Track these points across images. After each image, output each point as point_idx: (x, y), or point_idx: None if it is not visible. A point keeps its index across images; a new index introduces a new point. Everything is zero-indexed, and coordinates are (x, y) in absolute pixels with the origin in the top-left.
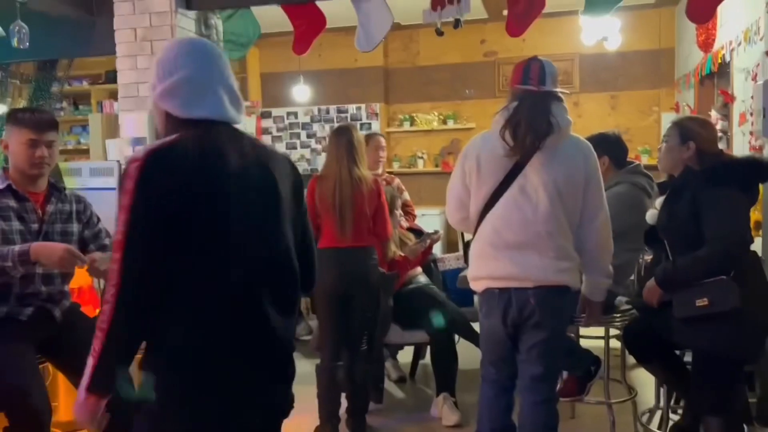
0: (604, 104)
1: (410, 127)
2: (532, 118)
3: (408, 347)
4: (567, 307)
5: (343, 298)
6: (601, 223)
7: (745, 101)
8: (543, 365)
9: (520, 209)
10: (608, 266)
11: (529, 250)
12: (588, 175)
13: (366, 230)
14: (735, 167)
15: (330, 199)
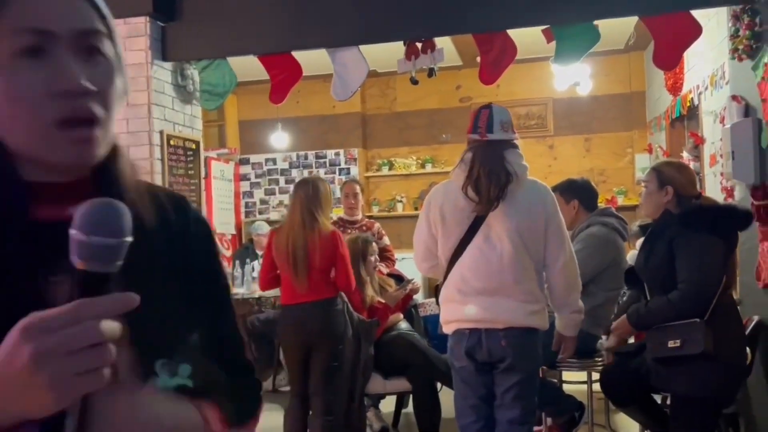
0: (579, 147)
1: (389, 171)
2: (490, 170)
3: (390, 396)
4: (537, 349)
5: (305, 351)
6: (565, 263)
7: (714, 143)
8: (519, 408)
9: (485, 258)
10: (577, 302)
11: (498, 296)
12: (548, 217)
13: (323, 282)
14: (712, 213)
15: (283, 251)
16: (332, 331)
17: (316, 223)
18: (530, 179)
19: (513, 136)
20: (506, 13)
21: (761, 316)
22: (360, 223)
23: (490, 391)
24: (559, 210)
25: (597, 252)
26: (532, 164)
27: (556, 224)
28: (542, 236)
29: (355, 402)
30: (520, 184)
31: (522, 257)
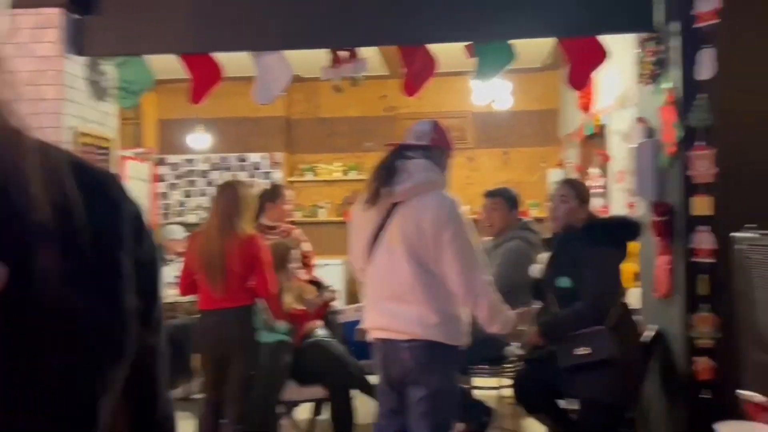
0: (497, 160)
1: (312, 177)
2: (381, 172)
3: (306, 403)
4: (444, 364)
5: (221, 358)
6: (456, 277)
7: (620, 161)
8: (427, 424)
9: (386, 262)
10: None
11: (399, 303)
12: (438, 229)
13: (241, 288)
14: (610, 226)
15: (199, 256)
16: (250, 338)
17: (235, 228)
18: (437, 191)
19: (422, 142)
20: (430, 28)
21: (658, 325)
22: (280, 229)
23: (396, 407)
24: (457, 222)
25: (514, 269)
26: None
27: (451, 235)
28: (434, 247)
29: (269, 409)
30: (418, 192)
31: (416, 267)
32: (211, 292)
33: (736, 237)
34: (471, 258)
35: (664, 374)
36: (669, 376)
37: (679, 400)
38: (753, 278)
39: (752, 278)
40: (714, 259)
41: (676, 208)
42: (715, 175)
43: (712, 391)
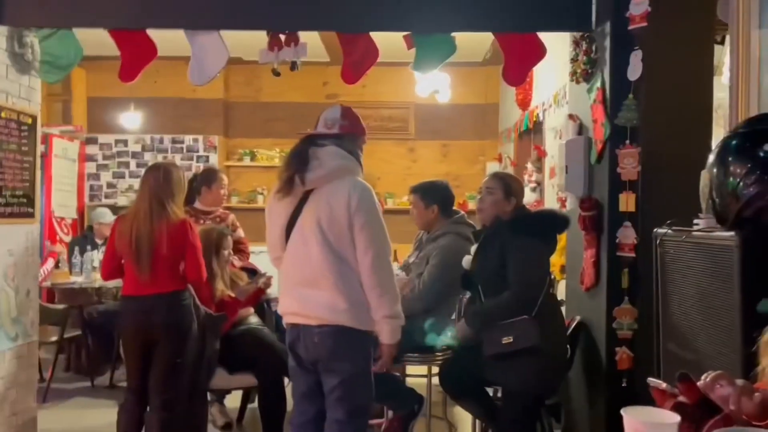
0: (437, 152)
1: (251, 162)
2: (293, 160)
3: (237, 391)
4: (355, 349)
5: (146, 345)
6: (372, 262)
7: (554, 157)
8: (343, 409)
9: (299, 249)
10: (389, 307)
11: (311, 289)
12: (351, 216)
13: (169, 274)
14: (537, 219)
15: (126, 239)
16: (177, 325)
17: (165, 211)
18: (349, 178)
19: (333, 131)
20: (370, 15)
21: (582, 316)
22: (214, 214)
23: (312, 388)
24: (370, 210)
25: (451, 267)
26: (393, 165)
27: (361, 224)
28: (346, 232)
29: (196, 398)
30: (329, 179)
31: (326, 251)
32: (137, 277)
33: (656, 233)
34: (383, 249)
35: (586, 363)
36: (591, 365)
37: (600, 388)
38: (669, 272)
39: (668, 272)
40: (635, 253)
41: (603, 203)
42: (639, 172)
43: (631, 380)
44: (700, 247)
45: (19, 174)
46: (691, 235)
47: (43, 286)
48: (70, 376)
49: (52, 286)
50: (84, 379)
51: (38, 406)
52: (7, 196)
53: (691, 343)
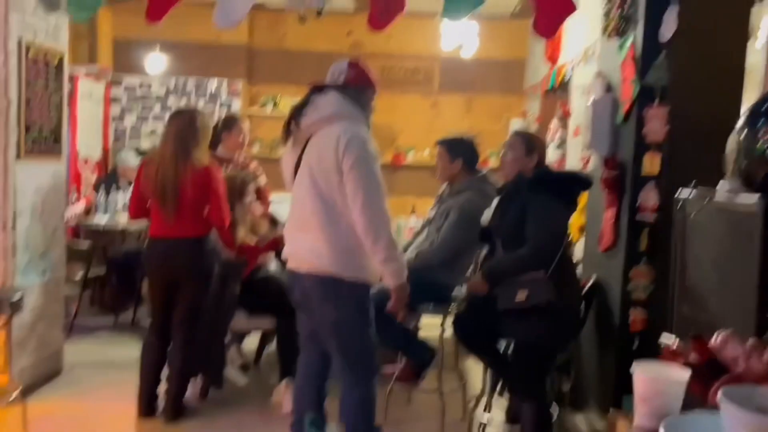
0: (460, 106)
1: (273, 111)
2: (295, 109)
3: (254, 334)
4: (344, 298)
5: (170, 286)
6: (362, 207)
7: (579, 115)
8: (339, 354)
9: (296, 195)
10: (384, 251)
11: (303, 234)
12: (339, 162)
13: (194, 218)
14: (559, 178)
15: (152, 183)
16: (200, 268)
17: (189, 157)
18: (343, 122)
19: (338, 81)
20: None
21: (598, 277)
22: (236, 161)
23: (315, 330)
24: (360, 154)
25: (470, 223)
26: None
27: (348, 167)
28: (335, 177)
29: (216, 338)
30: (323, 125)
31: (316, 199)
32: (163, 220)
33: (679, 195)
34: (374, 192)
35: (599, 323)
36: (604, 326)
37: (611, 348)
38: (689, 235)
39: (688, 235)
40: (656, 215)
41: (627, 164)
42: (666, 134)
43: (642, 342)
44: (722, 211)
45: (46, 113)
46: (714, 199)
47: (70, 225)
48: (94, 312)
49: (78, 225)
50: (107, 316)
51: (64, 339)
52: (35, 134)
53: (706, 305)
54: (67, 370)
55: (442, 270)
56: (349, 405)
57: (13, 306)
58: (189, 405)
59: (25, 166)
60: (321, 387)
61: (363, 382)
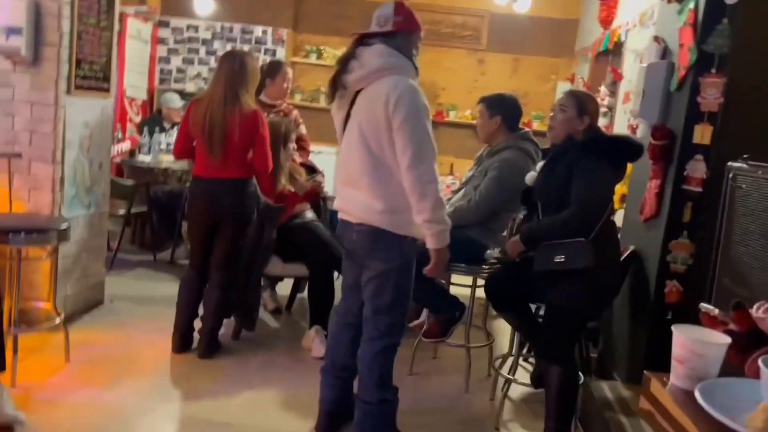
0: (507, 66)
1: (317, 60)
2: (341, 63)
3: (288, 280)
4: (390, 251)
5: (211, 225)
6: (410, 164)
7: (631, 81)
8: (372, 303)
9: (345, 150)
10: (429, 211)
11: (353, 188)
12: (390, 116)
13: (239, 161)
14: (611, 143)
15: (200, 123)
16: (241, 210)
17: (239, 100)
18: (392, 77)
19: (386, 29)
20: None
21: (636, 247)
22: (278, 107)
23: (357, 281)
24: (410, 109)
25: (510, 181)
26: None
27: (399, 123)
28: (384, 133)
29: (252, 281)
30: (371, 79)
31: (367, 156)
32: (208, 160)
33: (730, 166)
34: (423, 150)
35: (633, 293)
36: (638, 295)
37: (644, 319)
38: (736, 207)
39: (736, 207)
40: (702, 188)
41: (677, 133)
42: (720, 104)
43: (676, 314)
44: None
45: (97, 49)
46: (767, 171)
47: (115, 162)
48: (134, 248)
49: (122, 162)
50: (147, 253)
51: (105, 273)
52: (86, 69)
53: (748, 279)
54: (107, 301)
55: (477, 229)
56: (369, 354)
57: (60, 235)
58: (222, 343)
59: (75, 101)
60: (356, 336)
61: (388, 335)
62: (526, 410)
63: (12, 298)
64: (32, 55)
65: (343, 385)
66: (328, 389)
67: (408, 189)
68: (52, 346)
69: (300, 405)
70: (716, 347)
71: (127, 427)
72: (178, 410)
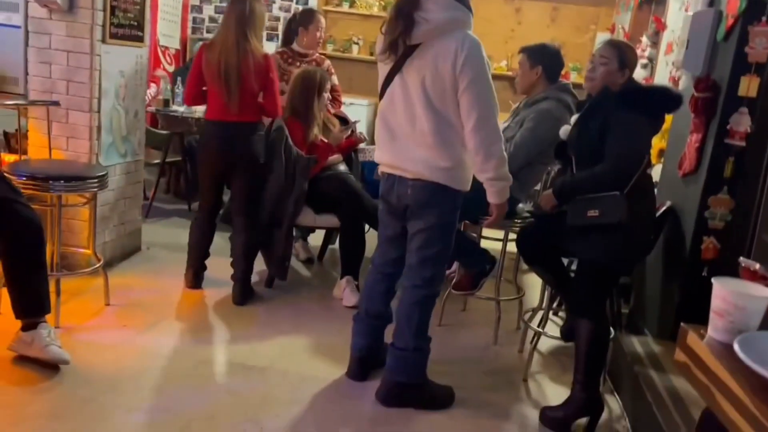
0: (545, 15)
1: (349, 9)
2: (395, 17)
3: (319, 231)
4: (445, 205)
5: (222, 168)
6: (475, 125)
7: (674, 31)
8: (418, 254)
9: (399, 103)
10: (494, 170)
11: (408, 143)
12: (457, 74)
13: (252, 105)
14: (648, 94)
15: (215, 67)
16: (254, 153)
17: (249, 44)
18: (459, 31)
19: None
20: None
21: (673, 203)
22: (311, 57)
23: (397, 233)
24: (478, 69)
25: (544, 130)
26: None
27: (466, 83)
28: (450, 91)
29: (282, 231)
30: (436, 34)
31: (431, 114)
32: (224, 104)
33: None
34: (489, 110)
35: (668, 249)
36: (673, 251)
37: (678, 274)
38: None
39: None
40: (746, 143)
41: (722, 85)
42: None
43: (712, 270)
44: None
45: None
46: None
47: (148, 110)
48: (169, 197)
49: (156, 111)
50: (182, 202)
51: (142, 220)
52: (120, 17)
53: None
54: (144, 248)
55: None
56: (409, 303)
57: (99, 182)
58: (255, 291)
59: (110, 49)
60: (390, 287)
61: (429, 285)
62: (554, 363)
63: (54, 244)
64: (68, 3)
65: (375, 333)
66: (360, 336)
67: (473, 149)
68: (92, 290)
69: (331, 351)
70: (758, 300)
71: (165, 369)
72: (213, 353)
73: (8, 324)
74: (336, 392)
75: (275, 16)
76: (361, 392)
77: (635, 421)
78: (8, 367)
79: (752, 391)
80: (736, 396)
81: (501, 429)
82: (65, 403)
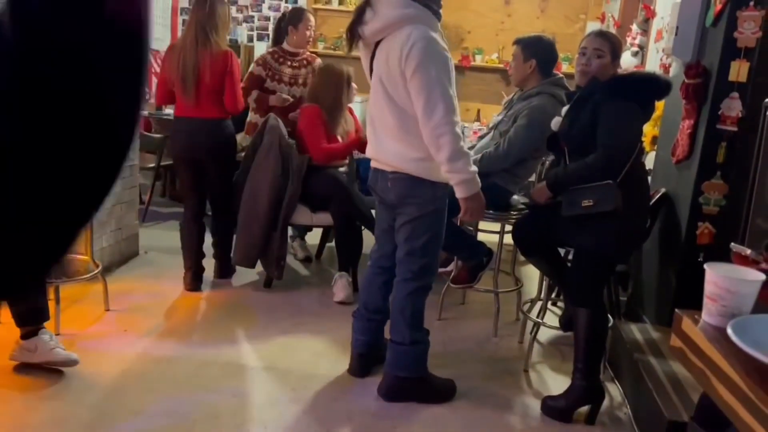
0: (534, 6)
1: (339, 6)
2: (356, 13)
3: (317, 229)
4: (424, 196)
5: (193, 164)
6: (423, 111)
7: (664, 18)
8: (405, 246)
9: (373, 99)
10: (446, 161)
11: (384, 137)
12: (405, 68)
13: (213, 101)
14: (636, 81)
15: (175, 67)
16: (220, 149)
17: (209, 42)
18: (409, 27)
19: None
20: None
21: (668, 189)
22: (301, 56)
23: (391, 225)
24: (423, 56)
25: (540, 129)
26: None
27: (411, 71)
28: (401, 83)
29: (276, 231)
30: (388, 30)
31: (392, 106)
32: (186, 101)
33: (767, 104)
34: (432, 99)
35: (664, 236)
36: (668, 238)
37: (674, 261)
38: None
39: None
40: (737, 127)
41: (712, 70)
42: (758, 39)
43: (708, 255)
44: None
45: None
46: None
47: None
48: (165, 201)
49: (150, 115)
50: (178, 205)
51: (139, 225)
52: None
53: None
54: (142, 253)
55: (502, 175)
56: (401, 295)
57: None
58: (254, 292)
59: None
60: (389, 280)
61: (420, 277)
62: (554, 352)
63: None
64: None
65: (375, 328)
66: (360, 332)
67: (425, 138)
68: (91, 296)
69: (333, 349)
70: (749, 284)
71: (168, 372)
72: (215, 355)
73: (8, 333)
74: (338, 389)
75: (265, 16)
76: (363, 388)
77: (636, 407)
78: (10, 376)
79: (746, 373)
80: (731, 379)
81: (503, 419)
82: (70, 409)
